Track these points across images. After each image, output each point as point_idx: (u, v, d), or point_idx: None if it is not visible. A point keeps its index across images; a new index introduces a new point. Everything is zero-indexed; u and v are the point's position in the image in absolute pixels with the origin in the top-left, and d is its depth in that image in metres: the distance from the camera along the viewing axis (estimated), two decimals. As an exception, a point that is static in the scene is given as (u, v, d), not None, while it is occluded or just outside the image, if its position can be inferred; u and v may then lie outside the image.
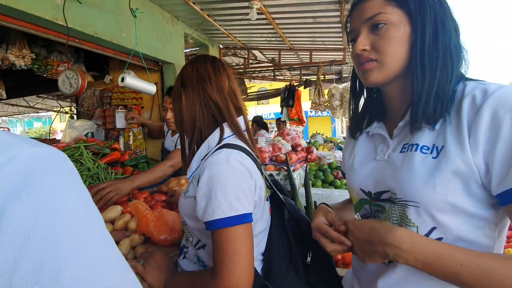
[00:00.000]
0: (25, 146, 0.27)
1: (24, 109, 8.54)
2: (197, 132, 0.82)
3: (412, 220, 0.58)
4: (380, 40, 0.60)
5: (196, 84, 0.82)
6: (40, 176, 0.26)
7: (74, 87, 2.50)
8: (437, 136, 0.57)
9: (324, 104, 4.43)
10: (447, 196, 0.54)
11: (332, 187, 1.97)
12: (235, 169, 0.71)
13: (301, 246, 0.86)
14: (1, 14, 1.89)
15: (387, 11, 0.59)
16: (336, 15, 3.16)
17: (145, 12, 2.94)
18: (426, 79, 0.57)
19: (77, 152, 1.67)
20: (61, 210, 0.26)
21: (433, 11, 0.58)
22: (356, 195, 0.71)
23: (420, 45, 0.58)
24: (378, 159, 0.66)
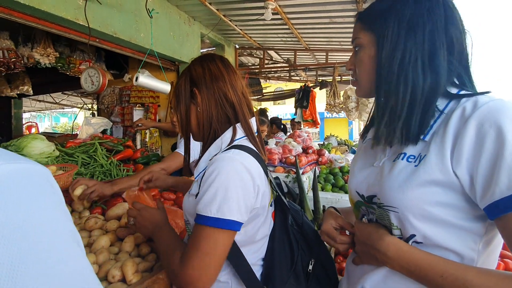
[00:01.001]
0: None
1: (51, 105, 9.00)
2: (212, 132, 0.81)
3: (395, 224, 0.60)
4: (357, 62, 0.67)
5: (210, 83, 0.80)
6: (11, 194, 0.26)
7: (96, 85, 2.59)
8: (425, 146, 0.58)
9: (339, 105, 4.33)
10: (423, 204, 0.55)
11: (342, 191, 1.91)
12: (238, 173, 0.70)
13: (304, 253, 0.85)
14: (27, 15, 1.99)
15: (360, 36, 0.65)
16: (353, 14, 3.08)
17: (162, 12, 3.00)
18: (380, 102, 0.61)
19: (92, 148, 1.73)
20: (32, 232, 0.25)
21: (394, 34, 0.58)
22: (353, 197, 0.74)
23: (377, 67, 0.62)
24: (375, 165, 0.68)
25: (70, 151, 1.65)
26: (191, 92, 0.82)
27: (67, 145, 1.70)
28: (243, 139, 0.80)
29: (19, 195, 0.26)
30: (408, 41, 0.57)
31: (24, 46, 3.05)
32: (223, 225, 0.67)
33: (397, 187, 0.58)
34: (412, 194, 0.55)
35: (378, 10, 0.62)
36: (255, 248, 0.80)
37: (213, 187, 0.68)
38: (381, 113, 0.61)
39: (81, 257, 0.29)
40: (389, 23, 0.59)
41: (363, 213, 0.72)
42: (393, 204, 0.58)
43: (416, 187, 0.55)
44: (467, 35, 0.59)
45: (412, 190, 0.56)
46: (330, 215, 0.78)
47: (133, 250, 1.01)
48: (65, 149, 1.65)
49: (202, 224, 0.68)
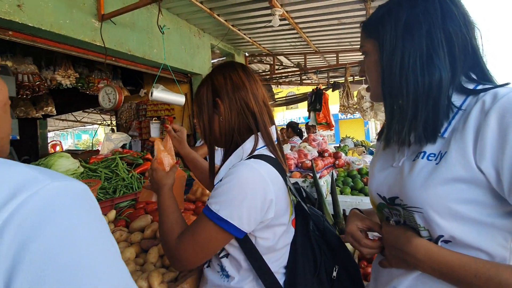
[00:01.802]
0: (48, 181, 0.31)
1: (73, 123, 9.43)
2: (234, 142, 0.81)
3: (422, 225, 0.58)
4: (365, 68, 0.69)
5: (232, 93, 0.80)
6: (60, 209, 0.30)
7: (113, 102, 2.69)
8: (445, 143, 0.57)
9: (353, 106, 4.26)
10: (448, 202, 0.53)
11: (362, 194, 1.86)
12: (251, 183, 0.70)
13: (327, 259, 0.83)
14: (48, 40, 2.12)
15: (364, 44, 0.67)
16: (362, 14, 3.05)
17: (173, 27, 3.10)
18: (387, 104, 0.62)
19: (113, 163, 1.79)
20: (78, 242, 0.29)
21: (392, 38, 0.59)
22: (375, 199, 0.73)
23: (380, 72, 0.63)
24: (394, 166, 0.67)
25: (93, 167, 1.71)
26: (213, 102, 0.82)
27: (90, 161, 1.78)
28: (263, 149, 0.80)
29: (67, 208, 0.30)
30: (405, 43, 0.58)
31: (47, 70, 3.23)
32: (222, 224, 0.69)
33: (419, 186, 0.57)
34: (435, 192, 0.54)
35: (377, 17, 0.64)
36: (277, 256, 0.80)
37: (225, 186, 0.70)
38: (389, 115, 0.63)
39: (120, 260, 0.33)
40: (386, 28, 0.60)
41: (386, 215, 0.70)
42: (417, 204, 0.57)
43: (438, 185, 0.54)
44: (472, 28, 0.58)
45: (435, 188, 0.54)
46: (356, 216, 0.76)
47: (157, 261, 1.03)
48: (88, 165, 1.72)
49: (206, 215, 0.71)
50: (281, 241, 0.79)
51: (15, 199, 0.28)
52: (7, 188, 0.29)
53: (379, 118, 3.85)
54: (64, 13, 2.05)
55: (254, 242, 0.75)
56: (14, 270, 0.26)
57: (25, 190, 0.29)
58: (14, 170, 0.31)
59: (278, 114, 16.89)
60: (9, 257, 0.26)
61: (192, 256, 0.72)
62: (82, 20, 2.18)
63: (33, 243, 0.27)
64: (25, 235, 0.27)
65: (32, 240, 0.27)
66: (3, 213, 0.27)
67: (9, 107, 0.44)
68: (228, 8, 2.97)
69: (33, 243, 0.27)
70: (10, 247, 0.26)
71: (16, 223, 0.27)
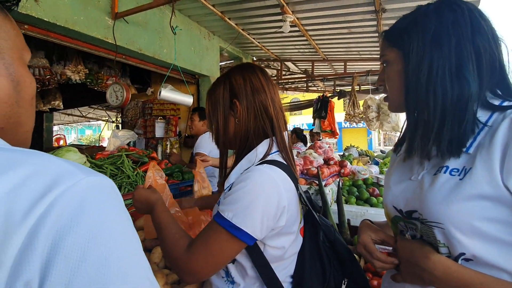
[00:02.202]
0: (82, 175, 0.31)
1: (78, 118, 9.50)
2: (248, 145, 0.80)
3: (441, 241, 0.57)
4: (386, 78, 0.68)
5: (251, 95, 0.79)
6: (93, 204, 0.30)
7: (120, 99, 2.71)
8: (469, 159, 0.55)
9: (359, 115, 4.25)
10: (470, 219, 0.52)
11: (367, 205, 1.84)
12: (266, 189, 0.69)
13: (336, 272, 0.81)
14: (62, 35, 2.14)
15: (386, 53, 0.66)
16: (373, 24, 3.06)
17: (184, 28, 3.13)
18: (411, 116, 0.61)
19: (119, 160, 1.80)
20: (109, 236, 0.30)
21: (419, 48, 0.58)
22: (390, 212, 0.71)
23: (405, 82, 0.62)
24: (413, 179, 0.66)
25: (99, 163, 1.72)
26: (230, 103, 0.80)
27: (96, 157, 1.78)
28: (276, 154, 0.79)
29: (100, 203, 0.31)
30: (433, 53, 0.57)
31: (58, 64, 3.27)
32: (235, 232, 0.67)
33: (440, 201, 0.55)
34: (458, 208, 0.53)
35: (401, 26, 0.63)
36: (284, 265, 0.78)
37: (238, 193, 0.68)
38: (413, 127, 0.61)
39: (142, 253, 0.34)
40: (413, 38, 0.59)
41: (401, 229, 0.69)
42: (438, 219, 0.56)
43: (462, 201, 0.53)
44: (500, 45, 0.57)
45: (458, 204, 0.53)
46: (369, 227, 0.74)
47: (161, 261, 1.03)
48: (95, 161, 1.72)
49: (218, 224, 0.68)
50: (289, 249, 0.78)
51: (53, 191, 0.29)
52: (44, 180, 0.29)
53: (385, 128, 3.84)
54: (79, 9, 2.08)
55: (262, 250, 0.73)
56: (50, 262, 0.26)
57: (61, 183, 0.30)
58: (50, 162, 0.32)
59: (281, 119, 16.84)
60: (46, 249, 0.27)
61: (205, 267, 0.69)
62: (96, 17, 2.20)
63: (69, 236, 0.27)
64: (62, 228, 0.27)
65: (68, 233, 0.28)
66: (41, 205, 0.28)
67: (35, 101, 0.44)
68: (240, 13, 3.00)
69: (69, 236, 0.27)
70: (47, 239, 0.27)
71: (53, 216, 0.28)
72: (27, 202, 0.27)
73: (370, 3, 2.62)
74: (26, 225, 0.27)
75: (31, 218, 0.27)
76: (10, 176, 0.28)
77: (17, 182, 0.28)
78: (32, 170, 0.30)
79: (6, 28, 0.41)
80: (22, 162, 0.30)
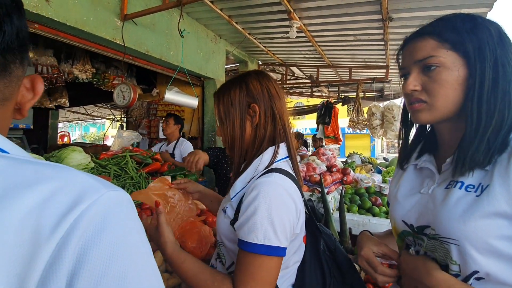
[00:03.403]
0: (104, 190, 0.33)
1: (83, 116, 9.57)
2: (260, 151, 0.79)
3: (454, 258, 0.55)
4: (431, 82, 0.59)
5: (268, 101, 0.80)
6: (115, 218, 0.32)
7: (127, 100, 2.73)
8: (485, 175, 0.54)
9: (363, 122, 4.25)
10: (488, 237, 0.51)
11: (370, 214, 1.83)
12: (281, 199, 0.69)
13: (336, 281, 0.81)
14: (71, 35, 2.17)
15: (440, 54, 0.58)
16: (379, 32, 3.07)
17: (191, 31, 3.16)
18: (481, 125, 0.55)
19: (123, 161, 1.81)
20: (129, 250, 0.31)
21: (493, 56, 0.55)
22: (398, 227, 0.70)
23: (478, 91, 0.55)
24: (423, 192, 0.64)
25: (103, 163, 1.73)
26: (248, 107, 0.80)
27: (100, 157, 1.79)
28: (283, 161, 0.79)
29: (121, 217, 0.33)
30: (506, 65, 0.55)
31: (65, 63, 3.30)
32: (272, 252, 0.66)
33: (457, 217, 0.54)
34: (475, 226, 0.52)
35: (466, 29, 0.57)
36: (287, 274, 0.78)
37: (258, 213, 0.66)
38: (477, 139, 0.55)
39: (155, 264, 0.35)
40: (485, 44, 0.55)
41: (408, 243, 0.68)
42: (453, 236, 0.55)
43: (479, 219, 0.52)
44: None
45: (475, 222, 0.52)
46: (370, 240, 0.73)
47: (161, 265, 1.03)
48: (99, 161, 1.73)
49: (250, 252, 0.66)
50: (293, 257, 0.78)
51: (79, 206, 0.30)
52: (71, 195, 0.30)
53: (389, 136, 3.82)
54: (89, 10, 2.11)
55: None
56: (75, 275, 0.27)
57: (86, 198, 0.31)
58: (75, 176, 0.33)
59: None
60: (72, 262, 0.28)
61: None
62: (105, 18, 2.23)
63: (93, 250, 0.29)
64: (87, 242, 0.29)
65: (92, 247, 0.29)
66: (68, 219, 0.29)
67: None
68: (247, 17, 3.02)
69: (93, 250, 0.29)
70: (73, 252, 0.28)
71: (80, 230, 0.29)
72: (55, 216, 0.28)
73: (377, 11, 2.62)
74: (54, 239, 0.28)
75: (59, 232, 0.28)
76: (39, 190, 0.29)
77: (46, 196, 0.29)
78: (59, 185, 0.31)
79: None
80: (49, 176, 0.31)
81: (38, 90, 0.41)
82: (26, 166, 0.32)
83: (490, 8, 2.29)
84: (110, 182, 0.36)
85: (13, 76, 0.37)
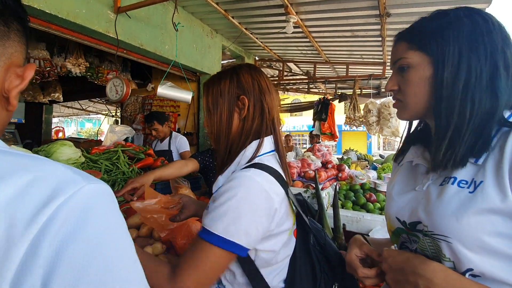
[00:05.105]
0: (83, 183, 0.32)
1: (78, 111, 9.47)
2: (245, 145, 0.77)
3: (447, 256, 0.55)
4: (403, 82, 0.63)
5: (258, 94, 0.79)
6: (96, 211, 0.31)
7: (120, 94, 2.69)
8: (478, 170, 0.54)
9: (359, 119, 4.24)
10: (482, 234, 0.51)
11: (364, 210, 1.82)
12: (254, 196, 0.67)
13: (327, 276, 0.81)
14: (63, 28, 2.12)
15: (408, 56, 0.61)
16: (377, 28, 3.05)
17: (187, 25, 3.11)
18: (442, 124, 0.57)
19: (115, 156, 1.78)
20: (111, 243, 0.31)
21: (456, 53, 0.55)
22: (393, 224, 0.69)
23: (437, 88, 0.58)
24: (417, 190, 0.64)
25: (94, 158, 1.70)
26: (237, 98, 0.79)
27: (92, 152, 1.76)
28: (267, 155, 0.77)
29: (101, 211, 0.32)
30: (471, 60, 0.54)
31: (58, 56, 3.25)
32: (228, 246, 0.64)
33: (450, 214, 0.54)
34: (468, 223, 0.51)
35: (431, 29, 0.59)
36: (278, 269, 0.77)
37: (226, 204, 0.65)
38: (442, 136, 0.57)
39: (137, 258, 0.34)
40: (448, 42, 0.56)
41: (403, 241, 0.68)
42: (446, 233, 0.54)
43: (472, 215, 0.51)
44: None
45: (468, 218, 0.51)
46: (354, 243, 0.73)
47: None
48: (89, 156, 1.70)
49: (206, 240, 0.65)
50: (282, 252, 0.77)
51: (56, 199, 0.29)
52: (47, 188, 0.29)
53: (385, 133, 3.82)
54: (81, 2, 2.06)
55: (254, 255, 0.72)
56: (53, 270, 0.26)
57: (64, 191, 0.30)
58: (52, 168, 0.32)
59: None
60: (49, 257, 0.26)
61: (199, 287, 0.64)
62: (98, 10, 2.18)
63: (73, 244, 0.28)
64: (65, 236, 0.28)
65: (72, 241, 0.28)
66: (44, 213, 0.28)
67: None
68: (243, 11, 2.98)
69: (73, 244, 0.28)
70: (50, 247, 0.27)
71: (57, 224, 0.28)
72: (30, 210, 0.27)
73: (374, 7, 2.60)
74: (28, 234, 0.26)
75: (34, 227, 0.27)
76: (13, 182, 0.28)
77: (20, 189, 0.28)
78: (35, 177, 0.30)
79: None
80: (25, 167, 0.30)
81: (26, 75, 0.40)
82: (3, 157, 0.31)
83: (489, 4, 2.27)
84: (90, 175, 0.34)
85: None
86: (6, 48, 0.38)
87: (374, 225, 1.61)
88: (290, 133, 17.19)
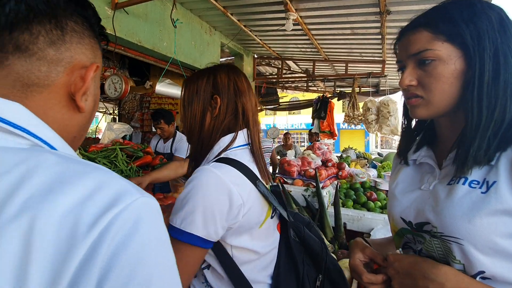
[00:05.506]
0: (138, 195, 0.33)
1: (74, 109, 9.38)
2: (215, 143, 0.80)
3: (457, 258, 0.53)
4: (427, 77, 0.56)
5: (233, 95, 0.81)
6: (145, 224, 0.32)
7: (118, 91, 2.66)
8: (490, 170, 0.52)
9: (358, 117, 4.24)
10: (495, 236, 0.49)
11: (364, 209, 1.81)
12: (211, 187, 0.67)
13: (310, 269, 0.81)
14: (59, 24, 2.09)
15: (435, 47, 0.54)
16: (376, 26, 3.03)
17: (185, 22, 3.08)
18: (482, 121, 0.52)
19: (113, 154, 1.76)
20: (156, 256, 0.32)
21: (493, 45, 0.51)
22: (397, 224, 0.67)
23: (478, 84, 0.52)
24: (423, 189, 0.62)
25: (92, 156, 1.68)
26: (210, 97, 0.81)
27: (89, 150, 1.74)
28: (239, 149, 0.78)
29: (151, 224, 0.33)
30: (506, 53, 0.51)
31: (54, 53, 3.19)
32: (187, 238, 0.65)
33: (461, 215, 0.52)
34: (481, 224, 0.50)
35: (462, 18, 0.53)
36: (262, 264, 0.77)
37: (185, 198, 0.67)
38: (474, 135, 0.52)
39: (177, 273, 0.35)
40: (485, 35, 0.51)
41: (406, 241, 0.66)
42: (457, 234, 0.52)
43: (485, 216, 0.49)
44: None
45: (481, 220, 0.50)
46: (357, 246, 0.71)
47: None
48: (87, 154, 1.68)
49: (171, 235, 0.66)
50: (260, 246, 0.76)
51: (114, 208, 0.30)
52: (108, 196, 0.31)
53: (384, 131, 3.82)
54: (78, -3, 2.02)
55: (230, 251, 0.73)
56: (105, 276, 0.28)
57: (121, 200, 0.31)
58: (112, 178, 0.34)
59: (281, 118, 16.90)
60: (104, 262, 0.28)
61: None
62: (95, 6, 2.14)
63: (124, 253, 0.29)
64: (118, 244, 0.29)
65: (123, 250, 0.29)
66: (104, 220, 0.29)
67: None
68: (242, 8, 2.95)
69: (124, 253, 0.29)
70: (106, 253, 0.28)
71: (113, 231, 0.29)
72: (92, 215, 0.29)
73: (375, 4, 2.58)
74: (89, 238, 0.28)
75: (94, 232, 0.28)
76: (80, 188, 0.30)
77: (86, 195, 0.30)
78: (98, 185, 0.32)
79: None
80: (89, 175, 0.32)
81: (86, 76, 0.40)
82: (70, 164, 0.33)
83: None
84: (141, 189, 0.36)
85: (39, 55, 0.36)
86: (63, 53, 0.38)
87: (375, 224, 1.60)
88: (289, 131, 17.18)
